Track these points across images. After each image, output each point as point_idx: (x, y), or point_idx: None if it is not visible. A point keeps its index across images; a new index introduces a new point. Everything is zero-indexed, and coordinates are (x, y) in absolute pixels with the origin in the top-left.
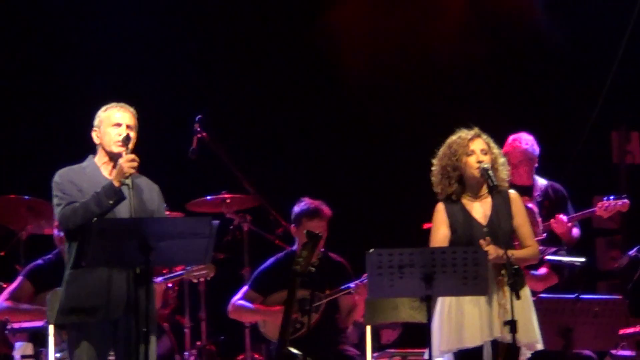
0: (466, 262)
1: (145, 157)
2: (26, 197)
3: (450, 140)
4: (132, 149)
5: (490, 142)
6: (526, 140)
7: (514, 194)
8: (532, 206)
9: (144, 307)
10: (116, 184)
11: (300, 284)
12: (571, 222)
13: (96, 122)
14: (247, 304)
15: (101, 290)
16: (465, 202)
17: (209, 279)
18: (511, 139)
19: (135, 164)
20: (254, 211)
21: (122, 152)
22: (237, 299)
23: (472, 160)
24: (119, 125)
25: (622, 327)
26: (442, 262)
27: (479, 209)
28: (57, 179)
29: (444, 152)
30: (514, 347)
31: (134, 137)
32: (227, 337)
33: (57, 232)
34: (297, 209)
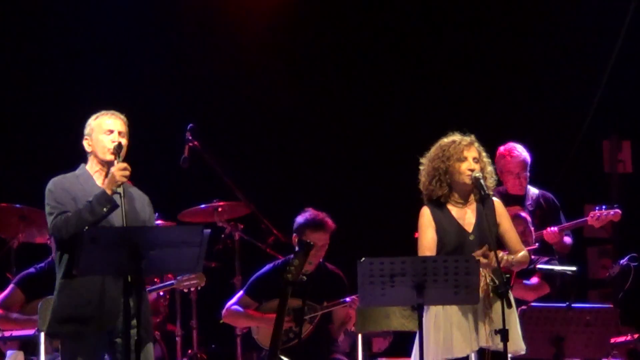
0: (457, 271)
1: (136, 166)
2: (18, 205)
3: (443, 142)
4: (124, 157)
5: (481, 151)
6: (521, 149)
7: (497, 202)
8: (525, 215)
9: (137, 315)
10: (108, 192)
11: (292, 292)
12: (563, 231)
13: (87, 131)
14: (241, 309)
15: (94, 299)
16: (450, 208)
17: (199, 288)
18: (507, 149)
19: (127, 172)
20: (246, 220)
21: (114, 160)
22: (231, 303)
23: (464, 167)
24: (111, 131)
25: (613, 336)
26: (433, 271)
27: (465, 216)
28: (50, 186)
29: (436, 153)
30: (504, 355)
31: (126, 144)
32: (218, 345)
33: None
34: (300, 219)
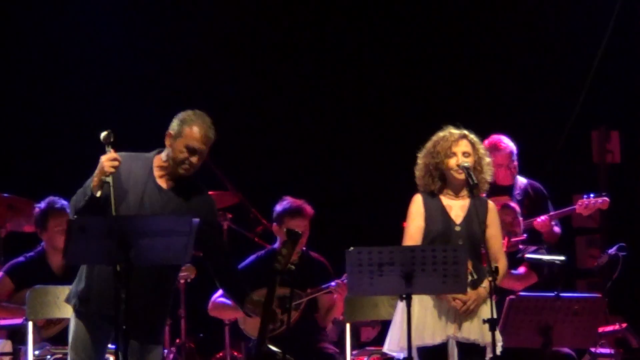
0: (446, 260)
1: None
2: (6, 194)
3: (436, 137)
4: (198, 168)
5: (476, 143)
6: (507, 141)
7: (492, 205)
8: (514, 205)
9: (145, 313)
10: (95, 181)
11: (280, 282)
12: (552, 220)
13: (175, 128)
14: (227, 301)
15: (94, 286)
16: (443, 199)
17: (189, 281)
18: (494, 141)
19: (116, 163)
20: (234, 209)
21: (106, 148)
22: (217, 296)
23: (452, 162)
24: (194, 152)
25: (601, 325)
26: (421, 261)
27: (456, 208)
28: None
29: (428, 149)
30: (493, 345)
31: (200, 156)
32: (207, 334)
33: None
34: (279, 207)
